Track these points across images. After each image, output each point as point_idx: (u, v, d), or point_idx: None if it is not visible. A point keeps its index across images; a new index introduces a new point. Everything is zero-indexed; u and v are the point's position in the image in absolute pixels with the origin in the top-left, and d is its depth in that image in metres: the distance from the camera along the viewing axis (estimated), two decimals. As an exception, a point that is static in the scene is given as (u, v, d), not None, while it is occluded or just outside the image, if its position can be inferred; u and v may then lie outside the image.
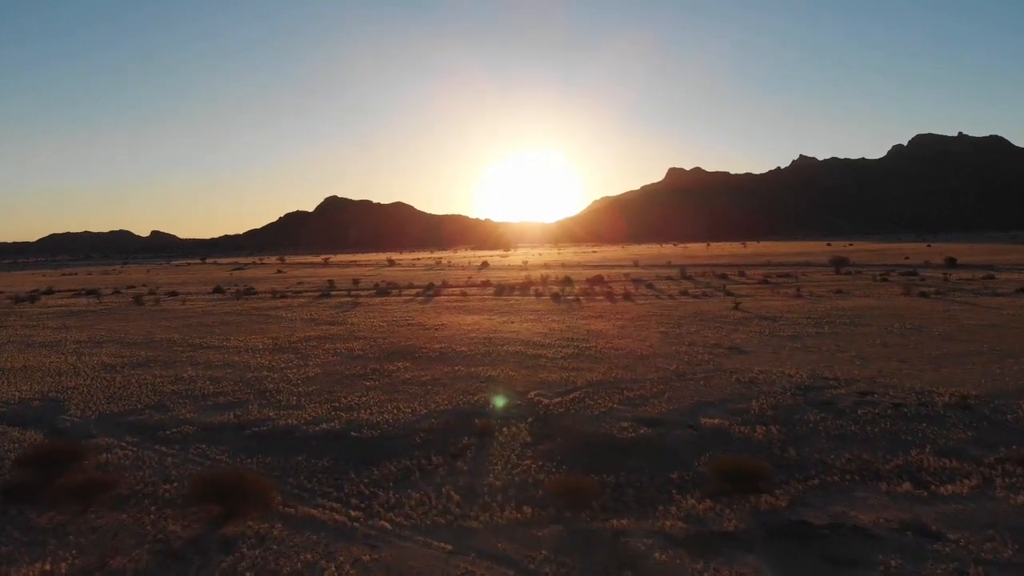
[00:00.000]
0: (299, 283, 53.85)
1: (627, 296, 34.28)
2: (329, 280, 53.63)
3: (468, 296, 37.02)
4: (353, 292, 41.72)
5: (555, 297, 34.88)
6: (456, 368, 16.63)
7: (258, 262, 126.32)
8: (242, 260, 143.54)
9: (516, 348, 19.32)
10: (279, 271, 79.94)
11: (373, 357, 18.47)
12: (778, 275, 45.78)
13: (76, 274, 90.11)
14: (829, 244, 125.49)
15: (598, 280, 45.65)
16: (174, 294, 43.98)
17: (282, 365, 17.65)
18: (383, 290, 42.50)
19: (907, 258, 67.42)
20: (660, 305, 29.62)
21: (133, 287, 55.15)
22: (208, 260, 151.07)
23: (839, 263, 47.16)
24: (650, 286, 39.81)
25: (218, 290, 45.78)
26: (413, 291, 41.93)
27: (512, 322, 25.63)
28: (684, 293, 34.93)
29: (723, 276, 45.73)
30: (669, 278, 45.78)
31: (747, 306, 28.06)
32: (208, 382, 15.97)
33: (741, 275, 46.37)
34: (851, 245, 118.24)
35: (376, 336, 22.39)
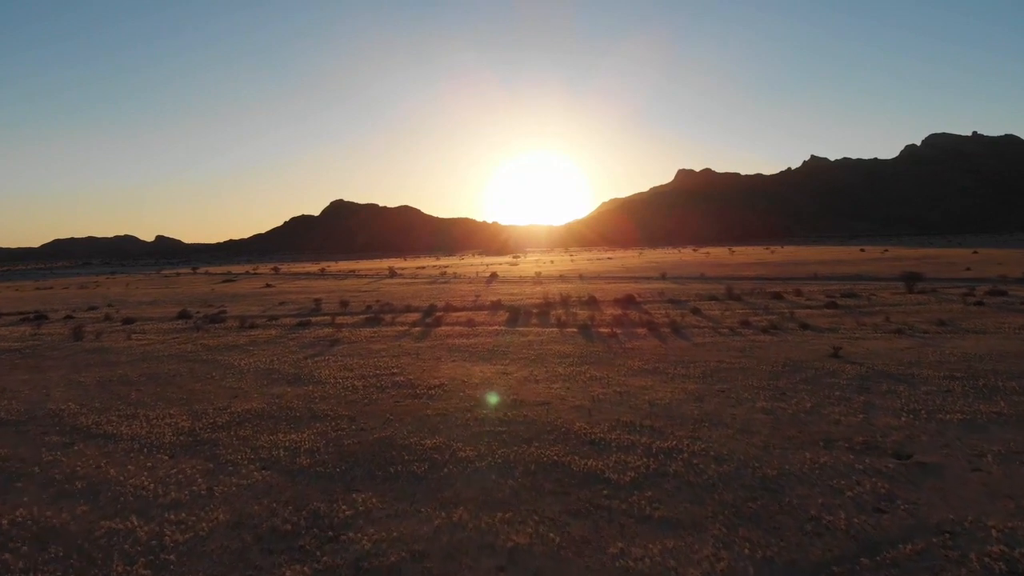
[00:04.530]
0: (281, 303, 47.23)
1: (675, 328, 27.35)
2: (316, 299, 46.99)
3: (476, 326, 30.24)
4: (338, 319, 34.94)
5: (584, 329, 28.03)
6: (454, 517, 9.71)
7: (251, 271, 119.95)
8: (236, 269, 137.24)
9: (552, 453, 12.39)
10: (268, 284, 73.47)
11: (323, 474, 11.63)
12: (841, 294, 38.82)
13: (51, 288, 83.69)
14: (863, 250, 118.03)
15: (629, 300, 38.77)
16: (130, 321, 37.38)
17: (173, 493, 10.83)
18: (375, 316, 35.76)
19: (968, 269, 60.14)
20: (728, 347, 22.63)
21: (95, 307, 48.66)
22: (200, 270, 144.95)
23: (911, 279, 40.00)
24: (696, 311, 32.84)
25: (183, 315, 39.16)
26: (411, 317, 35.17)
27: (536, 379, 18.72)
28: (746, 324, 27.92)
29: (777, 296, 38.74)
30: (713, 298, 38.85)
31: (847, 351, 21.07)
32: (32, 545, 9.18)
33: (798, 294, 39.42)
34: (886, 252, 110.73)
35: (343, 414, 15.51)
